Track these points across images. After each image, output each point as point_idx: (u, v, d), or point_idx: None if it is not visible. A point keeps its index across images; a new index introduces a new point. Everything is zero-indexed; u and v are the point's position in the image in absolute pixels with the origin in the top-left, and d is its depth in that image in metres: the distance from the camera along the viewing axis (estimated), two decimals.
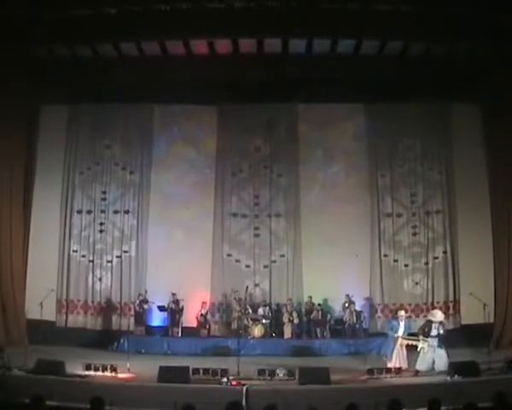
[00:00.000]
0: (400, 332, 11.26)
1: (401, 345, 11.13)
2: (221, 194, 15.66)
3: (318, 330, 14.55)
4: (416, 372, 10.70)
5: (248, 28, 12.78)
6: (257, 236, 15.58)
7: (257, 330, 14.35)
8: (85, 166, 15.79)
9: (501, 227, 14.04)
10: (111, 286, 15.40)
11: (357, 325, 14.46)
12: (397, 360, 11.00)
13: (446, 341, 11.09)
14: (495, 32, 12.44)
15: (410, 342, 11.14)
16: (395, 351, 11.08)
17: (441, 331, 10.95)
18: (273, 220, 15.59)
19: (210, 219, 15.53)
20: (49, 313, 14.09)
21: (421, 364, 10.77)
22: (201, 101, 15.38)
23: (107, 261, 15.53)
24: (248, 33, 13.21)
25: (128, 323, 15.03)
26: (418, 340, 11.02)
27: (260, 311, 14.77)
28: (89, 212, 15.68)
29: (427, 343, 10.85)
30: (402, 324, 11.38)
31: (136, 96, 15.04)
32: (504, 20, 12.06)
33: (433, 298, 15.02)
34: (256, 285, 15.33)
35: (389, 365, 10.90)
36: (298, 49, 13.99)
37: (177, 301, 14.60)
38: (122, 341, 13.70)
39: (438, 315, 11.32)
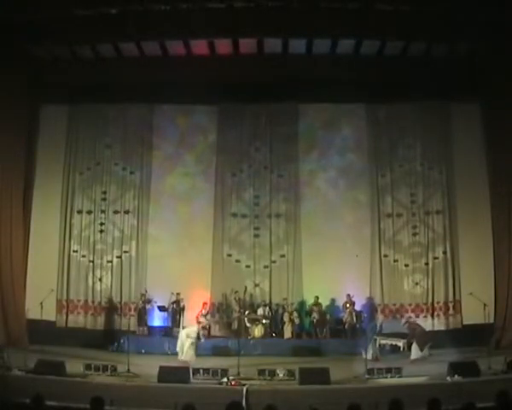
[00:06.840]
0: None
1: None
2: (221, 194, 15.65)
3: (318, 330, 14.57)
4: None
5: (248, 28, 12.81)
6: (257, 236, 15.55)
7: (257, 331, 14.36)
8: (85, 167, 15.77)
9: (501, 227, 14.04)
10: (111, 286, 15.37)
11: (357, 325, 14.47)
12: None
13: (447, 341, 11.27)
14: (495, 32, 12.46)
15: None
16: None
17: None
18: (273, 220, 15.57)
19: (210, 220, 15.52)
20: (49, 313, 14.03)
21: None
22: (201, 101, 15.39)
23: (108, 261, 15.50)
24: (248, 33, 13.23)
25: (128, 323, 15.00)
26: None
27: (260, 311, 14.77)
28: (89, 212, 15.66)
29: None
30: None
31: (136, 96, 15.07)
32: (504, 20, 12.07)
33: (433, 298, 14.99)
34: (256, 285, 15.31)
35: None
36: (298, 49, 14.02)
37: (178, 301, 14.60)
38: (122, 341, 13.65)
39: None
